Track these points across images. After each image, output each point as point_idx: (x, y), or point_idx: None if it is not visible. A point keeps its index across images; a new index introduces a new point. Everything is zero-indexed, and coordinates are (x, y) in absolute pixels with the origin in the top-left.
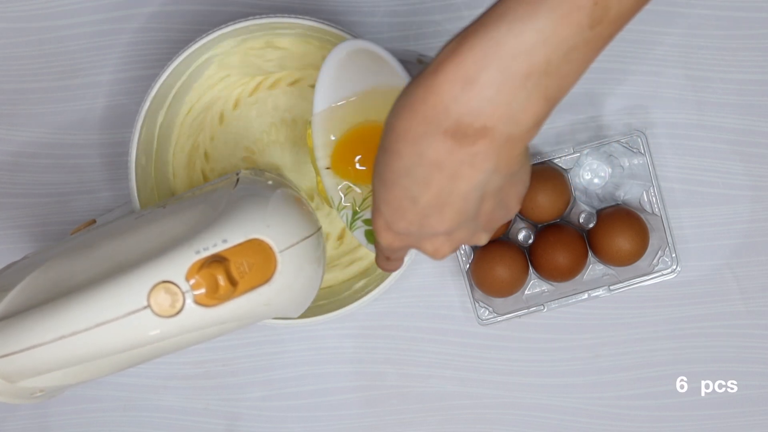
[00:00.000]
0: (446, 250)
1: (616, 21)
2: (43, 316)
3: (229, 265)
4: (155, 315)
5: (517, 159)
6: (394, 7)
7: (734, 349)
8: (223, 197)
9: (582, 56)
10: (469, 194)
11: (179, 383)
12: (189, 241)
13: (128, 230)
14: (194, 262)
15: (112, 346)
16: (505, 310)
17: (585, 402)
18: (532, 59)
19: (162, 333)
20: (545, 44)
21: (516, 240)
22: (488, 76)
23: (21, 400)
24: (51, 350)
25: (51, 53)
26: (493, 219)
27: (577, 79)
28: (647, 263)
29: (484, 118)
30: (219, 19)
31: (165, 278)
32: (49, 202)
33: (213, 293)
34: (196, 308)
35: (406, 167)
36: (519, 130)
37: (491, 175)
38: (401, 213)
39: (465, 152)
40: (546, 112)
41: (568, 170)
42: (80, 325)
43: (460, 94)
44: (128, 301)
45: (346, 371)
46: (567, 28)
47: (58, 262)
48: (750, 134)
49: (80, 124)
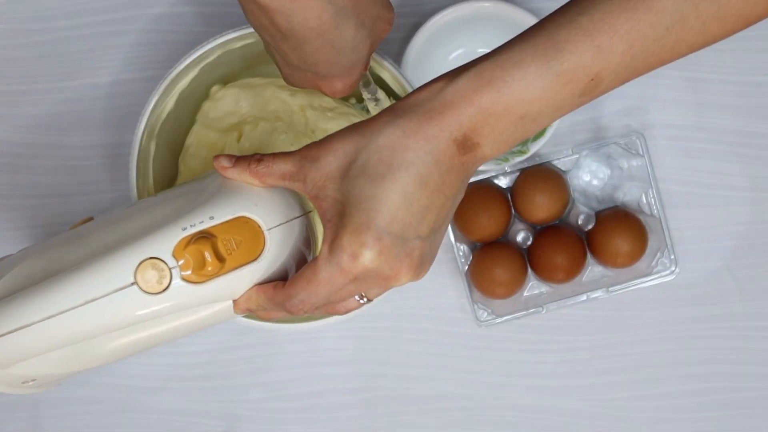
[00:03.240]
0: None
1: (600, 93)
2: (30, 296)
3: (216, 241)
4: (142, 292)
5: (466, 181)
6: (397, 9)
7: (733, 351)
8: (213, 181)
9: (561, 113)
10: (448, 202)
11: (178, 384)
12: (176, 219)
13: (119, 219)
14: (181, 238)
15: (99, 324)
16: (504, 311)
17: (584, 403)
18: (529, 107)
19: (150, 312)
20: (542, 100)
21: (515, 241)
22: (495, 109)
23: (12, 388)
24: (39, 331)
25: (51, 55)
26: (426, 252)
27: (544, 126)
28: (646, 265)
29: (481, 138)
30: (222, 21)
31: (152, 255)
32: (49, 204)
33: (200, 269)
34: (184, 285)
35: (410, 160)
36: (490, 154)
37: (462, 186)
38: (398, 213)
39: (460, 160)
40: (513, 146)
41: (566, 172)
42: (67, 303)
43: (473, 117)
44: (115, 278)
45: (345, 373)
46: (562, 93)
47: (50, 251)
48: (749, 136)
49: (80, 125)
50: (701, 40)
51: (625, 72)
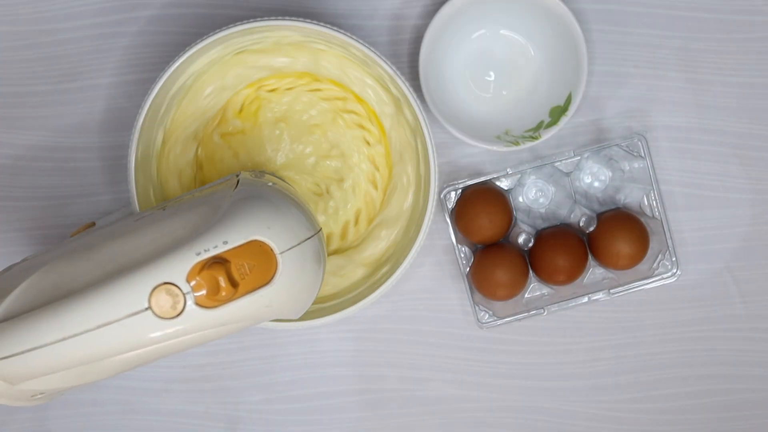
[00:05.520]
0: None
1: None
2: (44, 317)
3: (230, 266)
4: (156, 317)
5: None
6: (393, 11)
7: (734, 353)
8: (224, 199)
9: None
10: None
11: (179, 386)
12: (190, 242)
13: (128, 232)
14: (195, 263)
15: (112, 348)
16: (505, 313)
17: (585, 405)
18: None
19: (163, 335)
20: None
21: (516, 243)
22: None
23: (21, 402)
24: (51, 352)
25: (51, 57)
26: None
27: None
28: (647, 267)
29: None
30: (218, 22)
31: (166, 280)
32: (49, 206)
33: (214, 295)
34: (197, 310)
35: None
36: None
37: None
38: None
39: None
40: None
41: (568, 173)
42: (81, 326)
43: None
44: (129, 302)
45: (345, 374)
46: None
47: (58, 265)
48: (750, 138)
49: (80, 127)
50: None
51: None
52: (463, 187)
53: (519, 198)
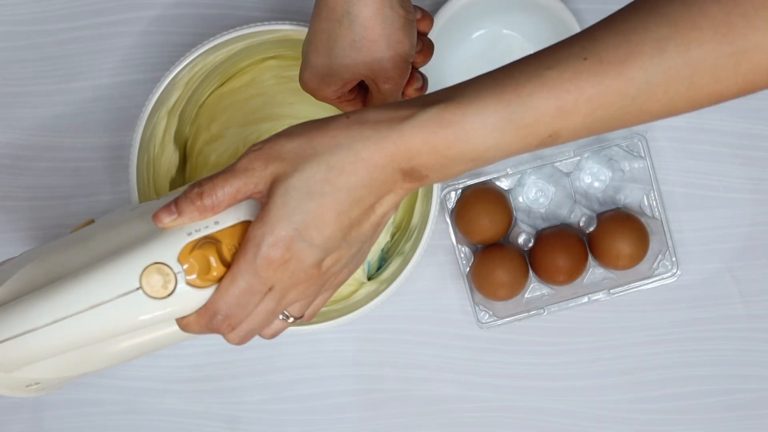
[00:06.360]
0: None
1: (555, 145)
2: (36, 301)
3: (221, 246)
4: (148, 296)
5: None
6: None
7: (735, 353)
8: None
9: (511, 156)
10: (376, 218)
11: (180, 386)
12: None
13: (123, 221)
14: (186, 243)
15: (105, 329)
16: (505, 313)
17: (585, 405)
18: (483, 154)
19: (155, 316)
20: (496, 149)
21: (516, 243)
22: (449, 152)
23: (16, 392)
24: (44, 335)
25: (52, 56)
26: (339, 273)
27: (491, 164)
28: (647, 267)
29: (430, 172)
30: (222, 23)
31: (157, 260)
32: (50, 205)
33: (205, 274)
34: (189, 290)
35: (353, 184)
36: (435, 182)
37: (393, 208)
38: (324, 222)
39: (402, 185)
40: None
41: (569, 174)
42: (73, 308)
43: (426, 155)
44: (120, 282)
45: (345, 374)
46: (518, 144)
47: (53, 254)
48: (750, 138)
49: (81, 127)
50: (666, 112)
51: (584, 131)
52: (464, 188)
53: (519, 198)
